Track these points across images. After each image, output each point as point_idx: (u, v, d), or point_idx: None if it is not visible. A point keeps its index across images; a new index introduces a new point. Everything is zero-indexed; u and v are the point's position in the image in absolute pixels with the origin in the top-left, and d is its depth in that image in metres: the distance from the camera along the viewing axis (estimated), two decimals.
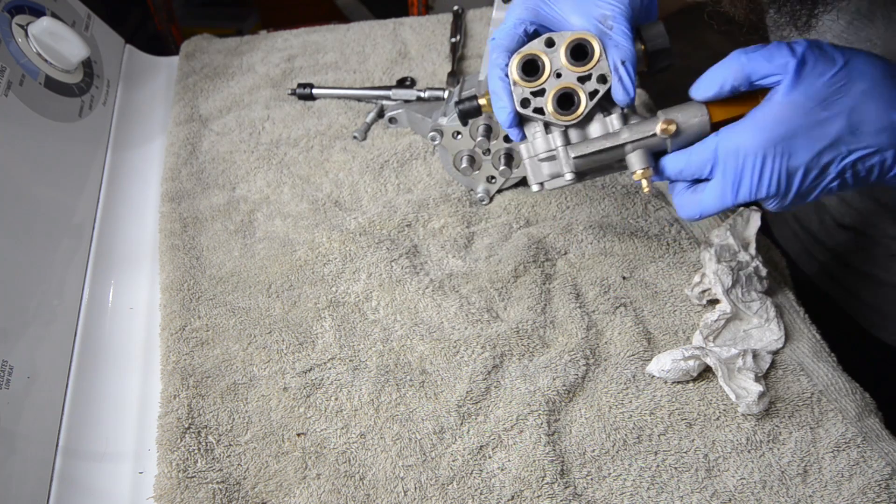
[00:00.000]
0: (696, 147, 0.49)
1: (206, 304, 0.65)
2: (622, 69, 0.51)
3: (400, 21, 1.03)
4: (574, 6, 0.53)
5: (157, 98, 0.93)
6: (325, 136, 0.83)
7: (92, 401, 0.61)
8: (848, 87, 0.44)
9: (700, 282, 0.64)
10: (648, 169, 0.51)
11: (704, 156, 0.48)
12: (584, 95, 0.52)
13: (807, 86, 0.44)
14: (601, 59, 0.51)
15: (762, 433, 0.55)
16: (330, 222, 0.72)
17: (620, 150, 0.51)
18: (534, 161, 0.55)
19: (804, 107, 0.44)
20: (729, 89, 0.47)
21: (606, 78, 0.51)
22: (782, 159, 0.45)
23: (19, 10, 0.77)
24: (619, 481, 0.53)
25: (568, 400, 0.57)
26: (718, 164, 0.48)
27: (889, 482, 0.52)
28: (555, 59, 0.52)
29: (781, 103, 0.45)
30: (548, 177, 0.55)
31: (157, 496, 0.52)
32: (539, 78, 0.52)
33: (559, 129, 0.53)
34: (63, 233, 0.70)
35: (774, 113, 0.45)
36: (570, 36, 0.51)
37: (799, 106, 0.44)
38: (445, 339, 0.61)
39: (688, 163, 0.49)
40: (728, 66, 0.47)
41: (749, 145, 0.46)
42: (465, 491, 0.52)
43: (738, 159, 0.46)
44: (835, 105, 0.44)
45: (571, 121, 0.52)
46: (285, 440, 0.56)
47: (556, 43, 0.52)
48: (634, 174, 0.51)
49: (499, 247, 0.69)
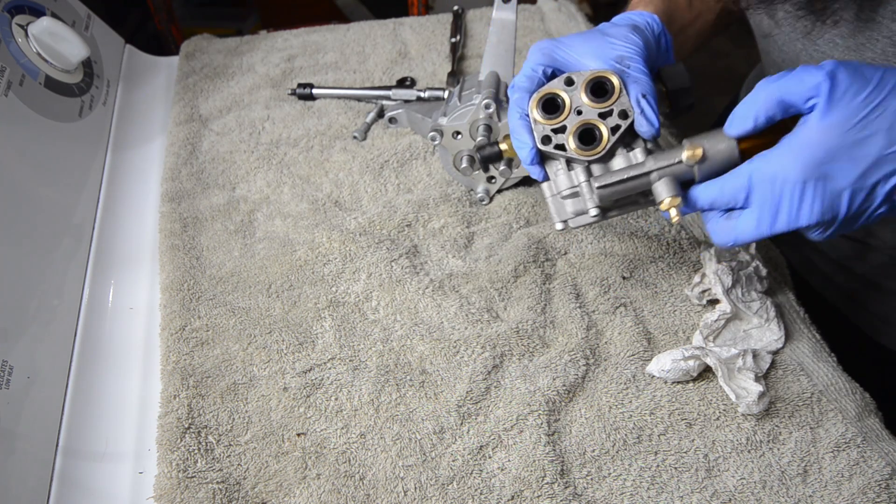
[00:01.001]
0: (728, 176, 0.47)
1: (206, 304, 0.65)
2: (644, 102, 0.50)
3: (400, 21, 1.03)
4: (589, 50, 0.53)
5: (157, 98, 0.93)
6: (325, 136, 0.83)
7: (92, 401, 0.61)
8: (885, 104, 0.42)
9: (700, 282, 0.64)
10: (677, 197, 0.49)
11: (738, 184, 0.46)
12: (605, 130, 0.51)
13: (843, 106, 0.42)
14: (621, 94, 0.51)
15: (762, 433, 0.55)
16: (330, 222, 0.72)
17: (646, 178, 0.50)
18: (556, 199, 0.54)
19: (841, 128, 0.42)
20: (764, 121, 0.45)
21: (628, 113, 0.51)
22: (824, 184, 0.43)
23: (19, 10, 0.77)
24: (619, 481, 0.53)
25: (568, 400, 0.57)
26: (754, 193, 0.46)
27: (889, 482, 0.52)
28: (575, 97, 0.52)
29: (818, 126, 0.43)
30: (572, 214, 0.54)
31: (157, 496, 0.52)
32: (559, 115, 0.52)
33: (582, 164, 0.52)
34: (63, 233, 0.70)
35: (811, 136, 0.43)
36: (589, 74, 0.51)
37: (836, 127, 0.43)
38: (445, 339, 0.61)
39: (721, 192, 0.47)
40: (758, 98, 0.45)
41: (787, 171, 0.44)
42: (465, 491, 0.52)
43: (776, 187, 0.44)
44: (873, 124, 0.42)
45: (594, 156, 0.51)
46: (285, 440, 0.56)
47: (575, 81, 0.52)
48: (662, 204, 0.49)
49: (499, 247, 0.69)
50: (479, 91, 0.68)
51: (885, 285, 0.72)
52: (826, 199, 0.44)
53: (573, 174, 0.53)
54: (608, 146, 0.51)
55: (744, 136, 0.47)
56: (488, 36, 0.69)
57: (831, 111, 0.43)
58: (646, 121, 0.50)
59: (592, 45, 0.54)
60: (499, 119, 0.67)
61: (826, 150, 0.43)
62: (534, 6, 1.04)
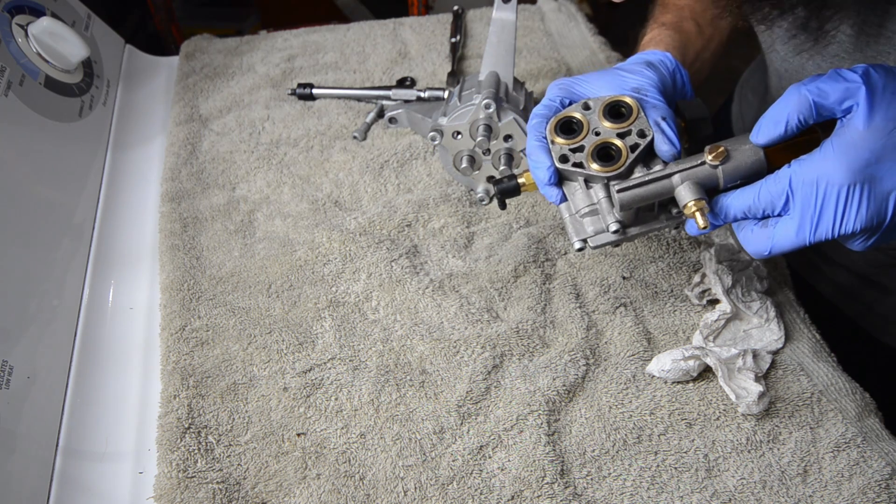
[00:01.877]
0: (766, 180, 0.46)
1: (206, 304, 0.65)
2: (663, 124, 0.49)
3: (400, 21, 1.03)
4: (606, 84, 0.53)
5: (157, 98, 0.93)
6: (325, 136, 0.83)
7: (92, 401, 0.61)
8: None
9: (700, 282, 0.64)
10: (701, 200, 0.47)
11: (777, 188, 0.45)
12: (624, 147, 0.50)
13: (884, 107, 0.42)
14: (639, 115, 0.50)
15: (762, 433, 0.55)
16: (330, 222, 0.72)
17: (668, 182, 0.49)
18: (575, 218, 0.53)
19: (884, 129, 0.42)
20: (796, 125, 0.44)
21: (646, 132, 0.50)
22: (871, 187, 0.42)
23: (19, 10, 0.77)
24: (619, 481, 0.53)
25: (568, 400, 0.57)
26: (795, 198, 0.44)
27: (889, 482, 0.52)
28: (592, 120, 0.51)
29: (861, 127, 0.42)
30: (591, 232, 0.53)
31: (157, 496, 0.52)
32: (577, 136, 0.51)
33: (601, 182, 0.51)
34: (63, 233, 0.70)
35: (855, 138, 0.42)
36: (607, 98, 0.51)
37: (879, 129, 0.42)
38: (445, 339, 0.61)
39: (757, 198, 0.46)
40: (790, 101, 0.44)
41: (833, 174, 0.42)
42: (465, 491, 0.52)
43: (820, 191, 0.43)
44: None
45: (613, 172, 0.50)
46: (285, 440, 0.56)
47: (592, 106, 0.52)
48: (686, 208, 0.48)
49: (499, 247, 0.69)
50: (479, 91, 0.68)
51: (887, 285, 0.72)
52: (874, 201, 0.43)
53: (592, 192, 0.52)
54: (627, 163, 0.50)
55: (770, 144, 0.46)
56: (488, 36, 0.69)
57: (873, 112, 0.42)
58: (666, 139, 0.49)
59: (608, 79, 0.54)
60: (499, 119, 0.67)
61: (872, 152, 0.42)
62: (534, 6, 1.04)
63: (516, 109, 0.68)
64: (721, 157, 0.47)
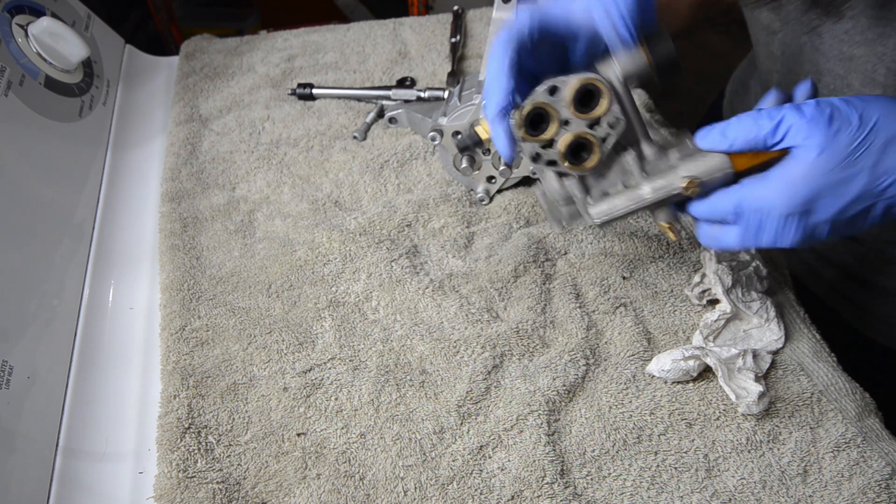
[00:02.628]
0: (719, 196, 0.49)
1: (206, 304, 0.65)
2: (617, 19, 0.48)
3: (400, 21, 1.03)
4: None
5: (157, 98, 0.93)
6: (325, 136, 0.83)
7: (92, 401, 0.61)
8: (868, 142, 0.44)
9: (700, 282, 0.64)
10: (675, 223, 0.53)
11: (727, 207, 0.49)
12: (596, 143, 0.49)
13: (830, 149, 0.44)
14: (611, 103, 0.49)
15: (762, 433, 0.55)
16: (330, 222, 0.72)
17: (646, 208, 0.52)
18: (551, 202, 0.54)
19: (827, 167, 0.44)
20: (738, 149, 0.47)
21: (618, 121, 0.49)
22: (806, 218, 0.46)
23: (19, 10, 0.77)
24: (619, 481, 0.53)
25: (568, 400, 0.57)
26: (741, 217, 0.48)
27: (889, 482, 0.52)
28: (562, 109, 0.49)
29: (805, 164, 0.45)
30: (568, 217, 0.54)
31: (157, 496, 0.52)
32: (547, 131, 0.49)
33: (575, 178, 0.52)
34: (63, 233, 0.70)
35: (798, 174, 0.45)
36: (575, 81, 0.48)
37: (822, 167, 0.44)
38: (445, 339, 0.61)
39: (711, 210, 0.50)
40: (739, 128, 0.47)
41: (773, 205, 0.46)
42: (465, 491, 0.52)
43: (762, 216, 0.47)
44: (857, 163, 0.44)
45: (585, 171, 0.50)
46: (285, 440, 0.56)
47: (559, 90, 0.48)
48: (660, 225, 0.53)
49: (499, 247, 0.69)
50: (479, 91, 0.68)
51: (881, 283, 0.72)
52: (807, 230, 0.46)
53: (568, 185, 0.52)
54: (601, 158, 0.50)
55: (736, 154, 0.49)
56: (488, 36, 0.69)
57: (817, 152, 0.44)
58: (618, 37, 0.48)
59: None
60: None
61: (812, 188, 0.45)
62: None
63: None
64: (697, 191, 0.49)
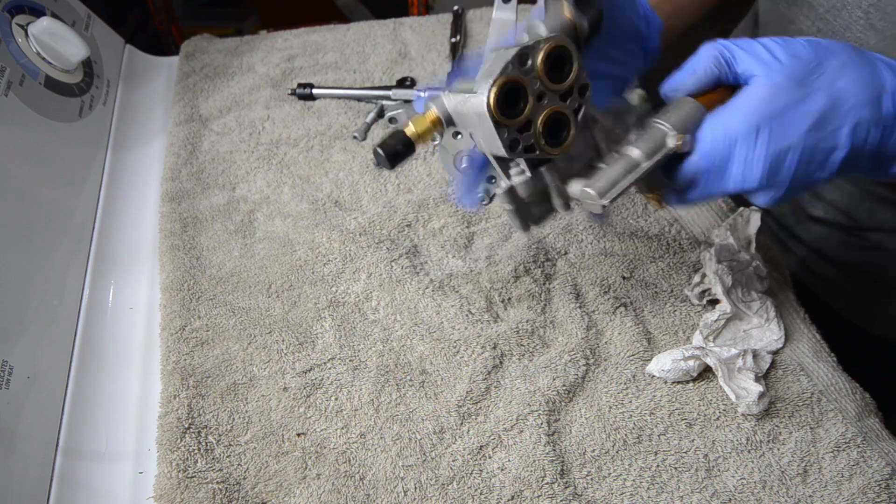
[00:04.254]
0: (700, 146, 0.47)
1: (206, 304, 0.65)
2: None
3: (400, 21, 1.03)
4: None
5: (157, 98, 0.93)
6: (325, 136, 0.83)
7: (92, 401, 0.61)
8: (823, 66, 0.44)
9: (700, 282, 0.64)
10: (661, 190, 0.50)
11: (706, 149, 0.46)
12: (570, 116, 0.45)
13: (787, 71, 0.44)
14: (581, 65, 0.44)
15: (762, 433, 0.55)
16: (330, 222, 0.72)
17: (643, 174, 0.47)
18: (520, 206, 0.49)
19: (784, 87, 0.44)
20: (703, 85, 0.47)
21: (586, 86, 0.45)
22: (771, 140, 0.45)
23: (19, 10, 0.77)
24: (619, 481, 0.53)
25: (568, 400, 0.57)
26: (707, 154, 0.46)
27: (889, 482, 0.52)
28: (533, 80, 0.44)
29: (763, 85, 0.45)
30: (538, 218, 0.51)
31: (157, 496, 0.52)
32: (523, 110, 0.44)
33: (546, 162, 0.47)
34: (63, 233, 0.70)
35: (758, 95, 0.45)
36: (544, 47, 0.43)
37: (780, 87, 0.44)
38: (445, 339, 0.61)
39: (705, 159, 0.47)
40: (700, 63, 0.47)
41: (737, 129, 0.45)
42: (465, 491, 0.52)
43: (727, 144, 0.45)
44: (814, 82, 0.44)
45: (564, 151, 0.45)
46: (285, 440, 0.56)
47: (529, 58, 0.44)
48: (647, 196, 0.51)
49: (499, 247, 0.69)
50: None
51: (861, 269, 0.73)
52: (773, 159, 0.45)
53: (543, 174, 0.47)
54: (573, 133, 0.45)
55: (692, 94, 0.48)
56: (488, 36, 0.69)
57: (773, 74, 0.45)
58: None
59: None
60: None
61: (772, 107, 0.44)
62: (534, 6, 1.04)
63: None
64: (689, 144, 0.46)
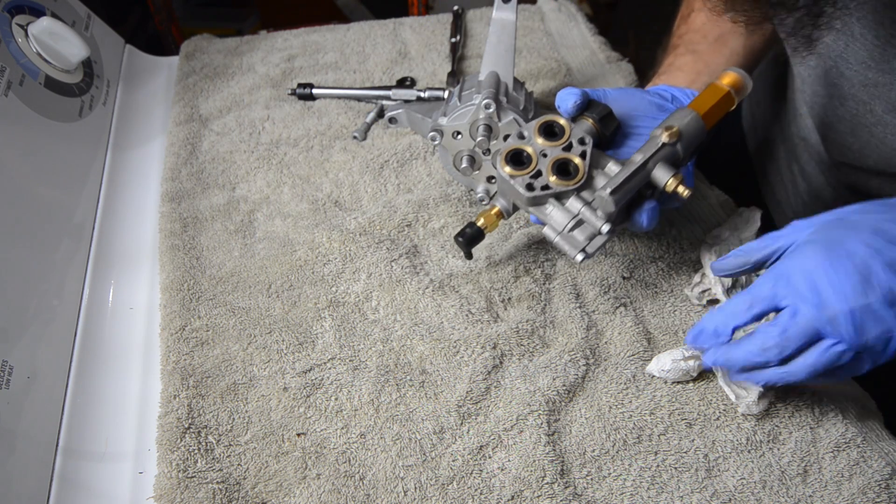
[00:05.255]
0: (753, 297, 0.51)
1: (206, 304, 0.65)
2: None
3: (400, 21, 1.03)
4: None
5: (157, 98, 0.93)
6: (325, 136, 0.83)
7: (92, 401, 0.61)
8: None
9: (700, 282, 0.64)
10: (678, 174, 0.55)
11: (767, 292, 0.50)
12: (577, 158, 0.57)
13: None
14: (570, 126, 0.58)
15: (762, 433, 0.55)
16: (330, 222, 0.72)
17: (646, 172, 0.55)
18: (564, 236, 0.57)
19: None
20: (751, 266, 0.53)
21: (585, 139, 0.57)
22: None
23: (19, 10, 0.77)
24: (619, 481, 0.53)
25: (568, 400, 0.57)
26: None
27: (889, 482, 0.52)
28: (534, 145, 0.58)
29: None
30: (585, 241, 0.57)
31: (157, 496, 0.52)
32: (530, 164, 0.57)
33: (572, 195, 0.57)
34: (63, 233, 0.70)
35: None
36: (534, 123, 0.58)
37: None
38: (445, 339, 0.61)
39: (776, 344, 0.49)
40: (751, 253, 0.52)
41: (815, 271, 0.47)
42: (465, 491, 0.52)
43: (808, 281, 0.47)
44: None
45: (578, 183, 0.56)
46: (285, 440, 0.56)
47: (526, 134, 0.58)
48: (668, 185, 0.55)
49: (499, 247, 0.69)
50: (479, 91, 0.68)
51: None
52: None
53: (568, 206, 0.57)
54: (587, 170, 0.56)
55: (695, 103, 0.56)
56: (488, 36, 0.69)
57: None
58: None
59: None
60: (499, 119, 0.67)
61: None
62: (534, 6, 1.04)
63: (516, 109, 0.68)
64: (676, 135, 0.55)
